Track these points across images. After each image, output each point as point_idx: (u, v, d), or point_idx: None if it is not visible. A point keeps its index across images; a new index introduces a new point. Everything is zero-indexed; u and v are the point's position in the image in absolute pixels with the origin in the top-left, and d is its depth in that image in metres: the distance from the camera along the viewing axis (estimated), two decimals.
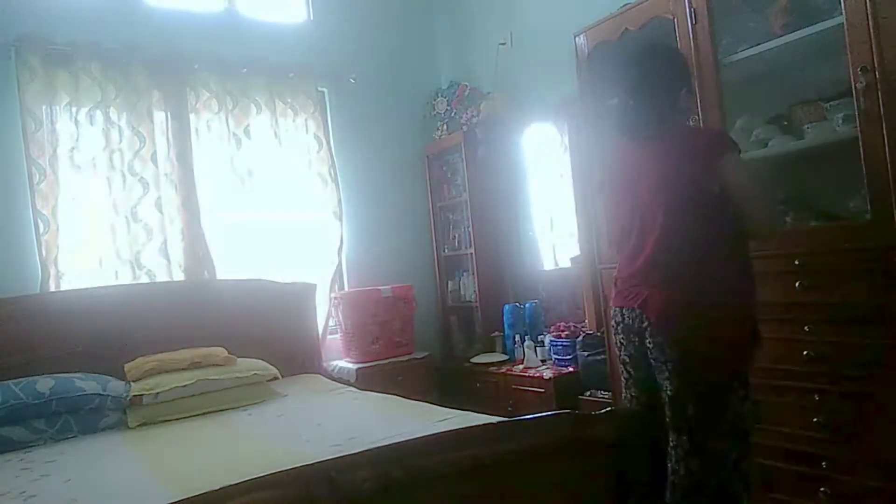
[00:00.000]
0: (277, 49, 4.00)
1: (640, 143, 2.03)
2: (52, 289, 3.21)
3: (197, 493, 1.28)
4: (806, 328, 2.17)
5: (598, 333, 3.28)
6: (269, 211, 3.85)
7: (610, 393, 3.00)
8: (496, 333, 4.08)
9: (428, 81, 4.61)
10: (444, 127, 4.43)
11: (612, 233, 2.23)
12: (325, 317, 3.99)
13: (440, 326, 4.46)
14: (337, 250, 4.08)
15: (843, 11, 2.02)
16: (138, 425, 2.77)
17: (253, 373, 3.07)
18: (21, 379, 2.71)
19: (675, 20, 2.52)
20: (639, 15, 2.69)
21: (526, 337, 3.80)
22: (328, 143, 4.10)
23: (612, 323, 2.13)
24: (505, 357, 3.94)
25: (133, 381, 2.88)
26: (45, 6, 3.37)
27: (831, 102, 2.16)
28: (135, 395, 2.81)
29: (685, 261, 1.88)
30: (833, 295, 2.11)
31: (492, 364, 3.85)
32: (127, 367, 2.96)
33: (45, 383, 2.68)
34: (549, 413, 1.84)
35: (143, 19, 3.65)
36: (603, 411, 1.79)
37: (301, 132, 4.02)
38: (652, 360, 1.96)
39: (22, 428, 2.59)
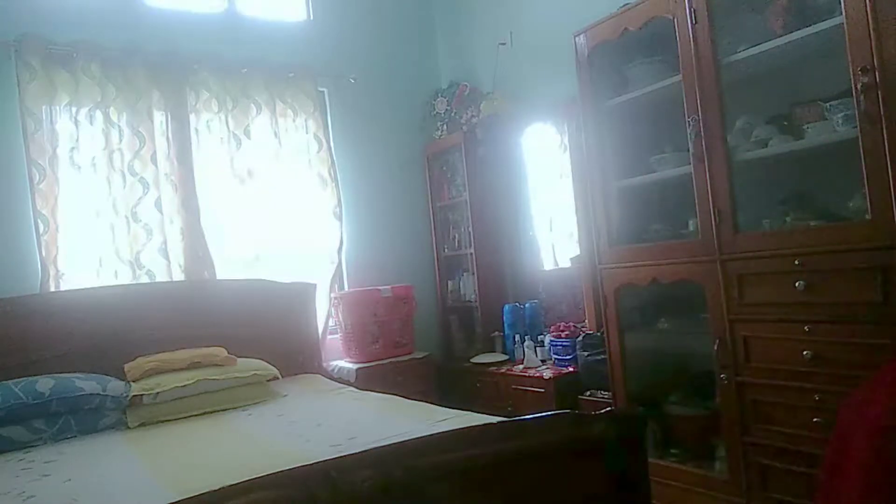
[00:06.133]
0: (277, 49, 4.00)
1: None
2: (52, 289, 3.21)
3: (197, 493, 1.28)
4: (806, 328, 2.17)
5: (598, 333, 3.28)
6: (269, 211, 3.85)
7: (610, 393, 3.00)
8: (496, 333, 4.08)
9: (428, 81, 4.61)
10: (444, 127, 4.42)
11: None
12: (325, 317, 3.99)
13: (440, 326, 4.46)
14: (337, 250, 4.07)
15: (843, 11, 2.02)
16: (138, 425, 2.77)
17: (253, 373, 3.07)
18: (21, 379, 2.71)
19: (675, 20, 2.52)
20: (639, 15, 2.69)
21: (526, 337, 3.80)
22: (328, 143, 4.10)
23: None
24: (505, 357, 3.93)
25: (133, 381, 2.88)
26: (45, 6, 3.37)
27: (831, 102, 2.16)
28: (134, 395, 2.81)
29: None
30: (833, 295, 2.11)
31: (492, 364, 3.85)
32: (127, 367, 2.96)
33: (44, 383, 2.68)
34: (549, 413, 1.84)
35: (143, 19, 3.65)
36: (603, 411, 1.79)
37: (301, 132, 4.02)
38: None
39: (22, 428, 2.59)
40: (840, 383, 2.08)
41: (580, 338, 3.42)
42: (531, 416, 1.77)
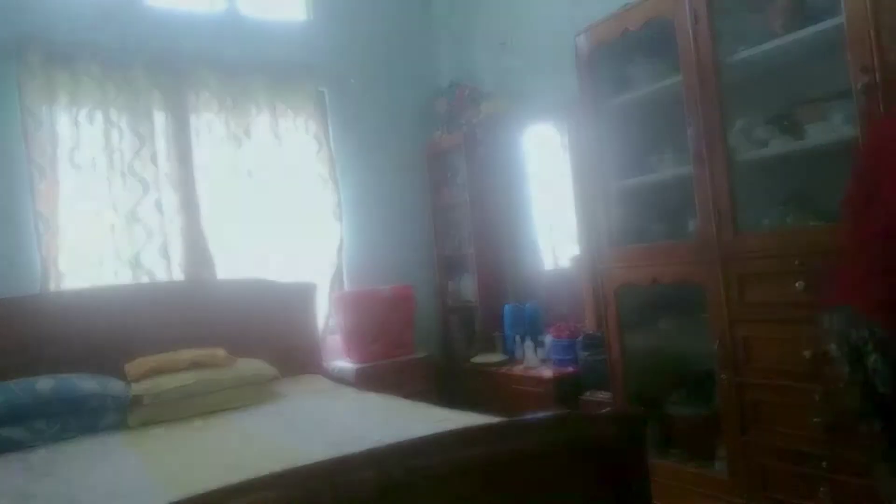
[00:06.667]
0: (277, 49, 4.00)
1: None
2: (52, 289, 3.21)
3: (197, 493, 1.28)
4: (806, 328, 2.17)
5: (598, 333, 3.28)
6: (269, 211, 3.85)
7: (610, 393, 3.00)
8: (496, 333, 4.08)
9: (428, 81, 4.61)
10: (444, 127, 4.42)
11: None
12: (325, 317, 3.99)
13: (440, 326, 4.46)
14: (337, 250, 4.07)
15: (843, 11, 2.02)
16: (138, 425, 2.77)
17: (253, 373, 3.07)
18: (21, 379, 2.71)
19: (676, 20, 2.52)
20: (639, 15, 2.69)
21: (526, 337, 3.80)
22: (328, 143, 4.10)
23: None
24: (505, 357, 3.94)
25: (133, 382, 2.87)
26: (45, 6, 3.37)
27: (831, 102, 2.16)
28: (135, 396, 2.81)
29: None
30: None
31: (492, 364, 3.85)
32: (127, 367, 2.96)
33: (45, 383, 2.68)
34: (549, 413, 1.84)
35: (144, 19, 3.65)
36: (603, 411, 1.79)
37: (301, 132, 4.02)
38: None
39: (22, 428, 2.59)
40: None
41: (580, 338, 3.42)
42: (531, 416, 1.77)
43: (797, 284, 2.18)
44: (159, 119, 3.59)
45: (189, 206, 3.60)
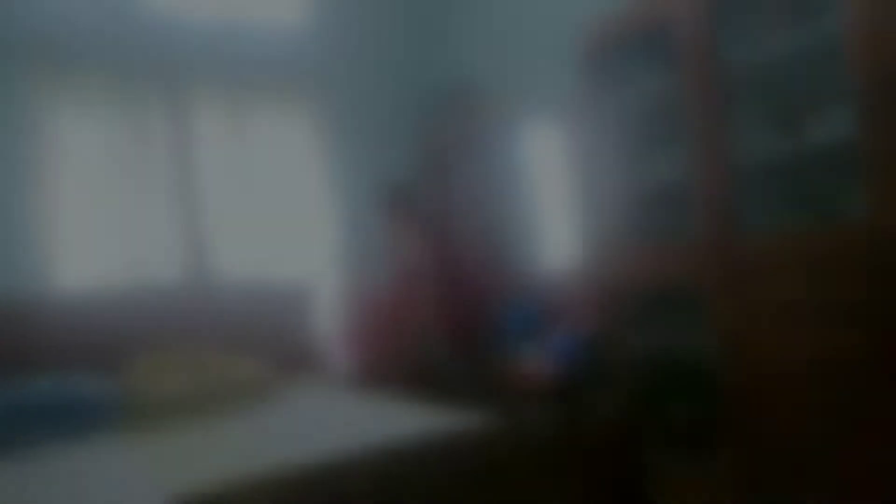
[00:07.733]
0: (277, 50, 4.00)
1: None
2: (52, 288, 3.21)
3: (196, 495, 1.28)
4: (807, 329, 2.16)
5: (599, 333, 3.27)
6: (271, 212, 3.85)
7: (610, 393, 3.00)
8: (497, 333, 4.07)
9: (429, 81, 4.61)
10: (445, 126, 4.42)
11: None
12: (327, 317, 3.99)
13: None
14: (338, 250, 4.08)
15: (843, 10, 2.01)
16: (137, 426, 2.76)
17: (251, 374, 3.07)
18: (20, 379, 2.71)
19: (677, 19, 2.51)
20: (641, 14, 2.68)
21: (527, 337, 3.79)
22: (328, 144, 4.10)
23: None
24: (506, 357, 3.92)
25: (132, 382, 2.87)
26: (46, 7, 3.37)
27: (831, 103, 2.16)
28: (134, 396, 2.80)
29: None
30: (833, 296, 2.10)
31: (493, 364, 3.85)
32: (126, 367, 2.96)
33: (43, 384, 2.68)
34: (547, 413, 1.84)
35: (144, 21, 3.65)
36: (601, 412, 1.79)
37: (301, 133, 4.02)
38: None
39: (20, 430, 2.58)
40: (842, 385, 2.08)
41: (580, 338, 3.41)
42: (529, 415, 1.77)
43: (798, 285, 2.18)
44: (160, 120, 3.60)
45: (190, 206, 3.61)
